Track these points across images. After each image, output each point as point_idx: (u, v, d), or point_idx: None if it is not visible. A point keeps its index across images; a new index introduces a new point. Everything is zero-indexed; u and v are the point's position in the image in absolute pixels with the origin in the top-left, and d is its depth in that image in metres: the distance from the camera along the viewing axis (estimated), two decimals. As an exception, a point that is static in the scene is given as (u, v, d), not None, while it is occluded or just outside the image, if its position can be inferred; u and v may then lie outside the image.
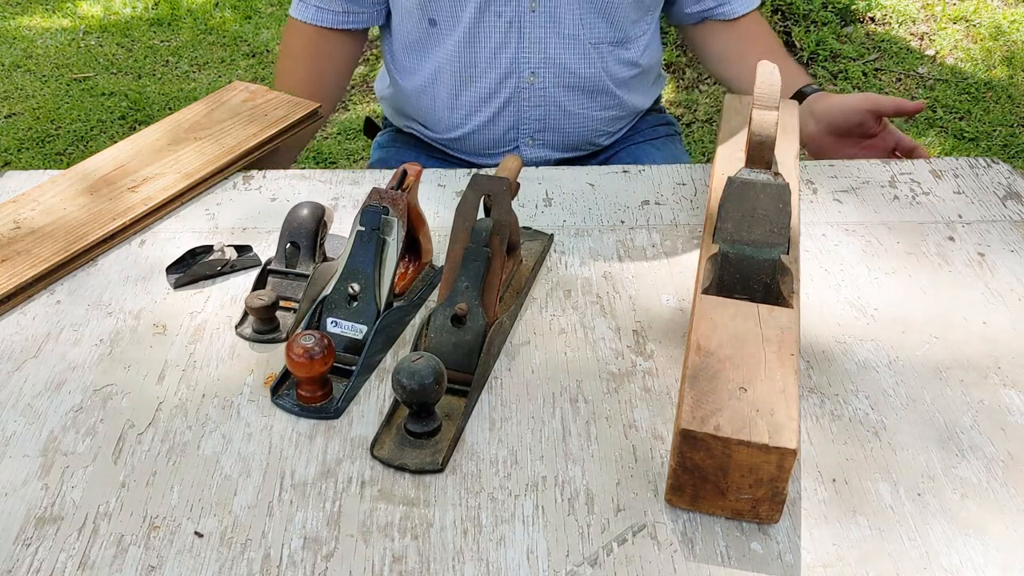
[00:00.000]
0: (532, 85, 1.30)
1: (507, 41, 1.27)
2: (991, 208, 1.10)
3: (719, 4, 1.37)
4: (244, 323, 0.94)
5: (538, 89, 1.31)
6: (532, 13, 1.25)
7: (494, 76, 1.30)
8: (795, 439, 0.69)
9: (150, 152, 1.17)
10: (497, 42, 1.27)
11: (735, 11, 1.37)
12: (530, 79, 1.30)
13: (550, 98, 1.32)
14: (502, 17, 1.25)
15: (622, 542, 0.73)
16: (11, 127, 2.83)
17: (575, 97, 1.33)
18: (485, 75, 1.30)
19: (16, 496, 0.77)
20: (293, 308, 0.96)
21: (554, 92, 1.32)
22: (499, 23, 1.26)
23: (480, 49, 1.28)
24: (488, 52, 1.28)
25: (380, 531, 0.74)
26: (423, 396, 0.77)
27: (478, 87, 1.32)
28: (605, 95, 1.35)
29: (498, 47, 1.27)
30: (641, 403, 0.85)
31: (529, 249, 1.02)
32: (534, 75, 1.29)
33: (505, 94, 1.32)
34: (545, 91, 1.31)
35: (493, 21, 1.26)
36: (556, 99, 1.32)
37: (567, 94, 1.32)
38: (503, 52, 1.28)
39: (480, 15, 1.25)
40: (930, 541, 0.73)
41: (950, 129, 2.75)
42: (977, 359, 0.89)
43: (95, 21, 3.38)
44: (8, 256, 1.00)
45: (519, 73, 1.29)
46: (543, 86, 1.31)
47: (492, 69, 1.29)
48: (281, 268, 0.98)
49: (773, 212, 0.88)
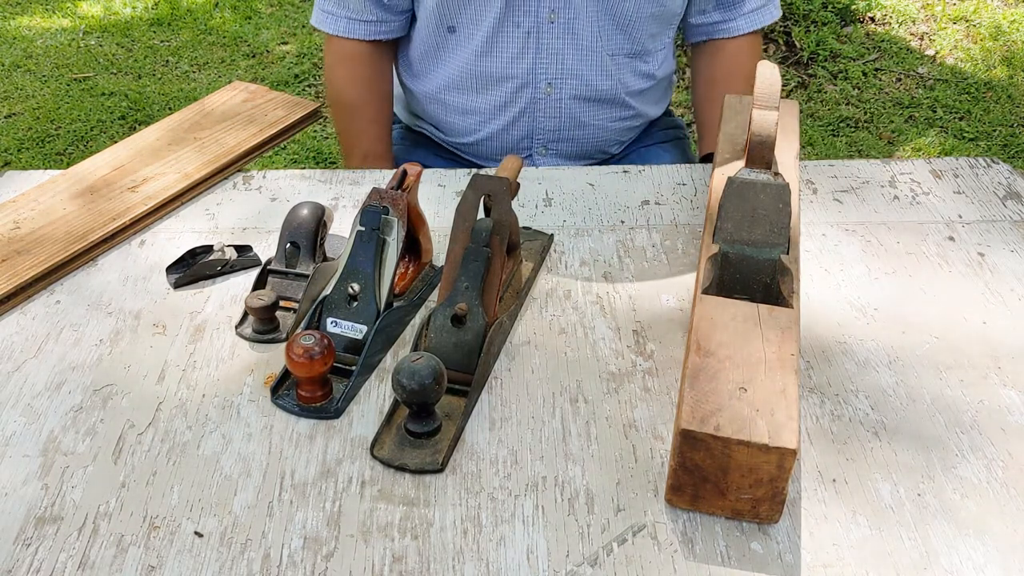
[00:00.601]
0: (548, 96, 1.30)
1: (525, 51, 1.27)
2: (991, 208, 1.10)
3: (725, 20, 1.36)
4: (244, 323, 0.94)
5: (554, 100, 1.31)
6: (550, 25, 1.25)
7: (510, 86, 1.30)
8: (795, 439, 0.69)
9: (150, 152, 1.17)
10: (514, 52, 1.27)
11: (740, 28, 1.36)
12: (547, 90, 1.29)
13: (565, 109, 1.32)
14: (520, 28, 1.25)
15: (622, 542, 0.73)
16: (11, 127, 2.82)
17: (590, 108, 1.33)
18: (501, 84, 1.30)
19: (16, 496, 0.77)
20: (293, 308, 0.95)
21: (570, 103, 1.31)
22: (517, 33, 1.25)
23: (497, 58, 1.28)
24: (505, 62, 1.28)
25: (380, 531, 0.74)
26: (423, 396, 0.77)
27: (493, 95, 1.31)
28: (620, 106, 1.35)
29: (515, 57, 1.27)
30: (641, 403, 0.85)
31: (529, 249, 1.02)
32: (551, 86, 1.29)
33: (521, 104, 1.31)
34: (561, 102, 1.31)
35: (511, 31, 1.25)
36: (571, 110, 1.32)
37: (582, 105, 1.32)
38: (520, 62, 1.27)
39: (499, 25, 1.25)
40: (930, 541, 0.73)
41: (950, 129, 2.75)
42: (977, 359, 0.89)
43: (95, 21, 3.38)
44: (8, 256, 1.00)
45: (535, 84, 1.29)
46: (559, 97, 1.30)
47: (509, 79, 1.29)
48: (281, 268, 0.98)
49: (773, 212, 0.88)
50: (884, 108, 2.84)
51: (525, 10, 1.24)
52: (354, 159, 1.39)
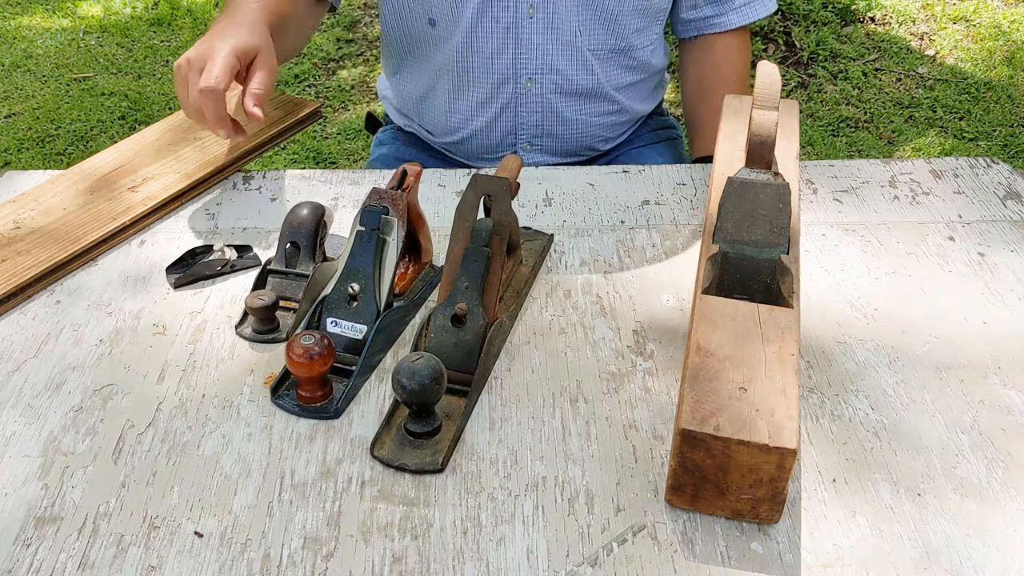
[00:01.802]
0: (530, 91, 1.30)
1: (505, 46, 1.27)
2: (991, 208, 1.10)
3: (716, 14, 1.36)
4: (244, 323, 0.94)
5: (535, 95, 1.31)
6: (530, 19, 1.25)
7: (491, 81, 1.30)
8: (795, 439, 0.69)
9: (150, 152, 1.17)
10: (495, 47, 1.27)
11: (732, 22, 1.36)
12: (528, 84, 1.29)
13: (547, 104, 1.32)
14: (500, 23, 1.25)
15: (622, 542, 0.73)
16: (11, 127, 2.82)
17: (573, 103, 1.33)
18: (482, 80, 1.30)
19: (16, 496, 0.77)
20: (293, 308, 0.96)
21: (551, 98, 1.31)
22: (497, 28, 1.25)
23: (478, 54, 1.28)
24: (485, 57, 1.28)
25: (380, 531, 0.74)
26: (423, 396, 0.77)
27: (475, 92, 1.31)
28: (604, 101, 1.34)
29: (496, 52, 1.27)
30: (641, 403, 0.85)
31: (529, 249, 1.02)
32: (532, 81, 1.29)
33: (502, 99, 1.31)
34: (543, 97, 1.31)
35: (491, 26, 1.25)
36: (553, 105, 1.32)
37: (565, 100, 1.32)
38: (501, 57, 1.28)
39: (478, 20, 1.25)
40: (930, 541, 0.73)
41: (950, 129, 2.75)
42: (977, 359, 0.89)
43: (95, 21, 3.38)
44: (8, 256, 1.00)
45: (517, 79, 1.29)
46: (540, 92, 1.31)
47: (489, 74, 1.29)
48: (281, 268, 0.98)
49: (773, 212, 0.88)
50: (884, 108, 2.84)
51: (504, 5, 1.24)
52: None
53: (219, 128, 1.04)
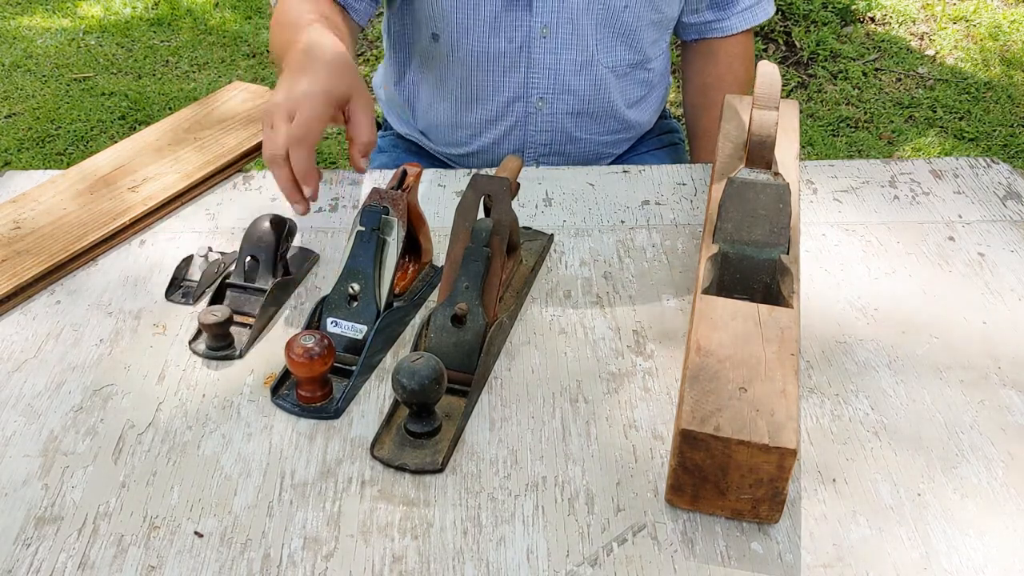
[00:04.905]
0: (540, 111, 1.29)
1: (516, 66, 1.26)
2: (991, 208, 1.10)
3: (718, 19, 1.36)
4: (198, 339, 0.92)
5: (546, 115, 1.30)
6: (543, 40, 1.24)
7: (501, 100, 1.29)
8: (795, 439, 0.69)
9: (150, 152, 1.17)
10: (505, 66, 1.26)
11: (734, 27, 1.36)
12: (539, 104, 1.29)
13: (558, 124, 1.31)
14: (512, 43, 1.24)
15: (622, 542, 0.73)
16: (11, 127, 2.82)
17: (583, 123, 1.32)
18: (492, 98, 1.29)
19: (16, 496, 0.77)
20: (250, 324, 0.92)
21: (562, 118, 1.30)
22: (509, 48, 1.24)
23: (489, 72, 1.27)
24: (496, 75, 1.27)
25: (380, 531, 0.74)
26: (423, 396, 0.77)
27: (484, 109, 1.30)
28: (613, 119, 1.34)
29: (506, 71, 1.26)
30: (641, 403, 0.85)
31: (529, 249, 1.02)
32: (543, 100, 1.28)
33: (512, 118, 1.30)
34: (553, 116, 1.30)
35: (503, 46, 1.24)
36: (564, 125, 1.31)
37: (575, 120, 1.31)
38: (511, 76, 1.27)
39: (489, 38, 1.24)
40: (930, 541, 0.73)
41: (950, 129, 2.75)
42: (977, 359, 0.89)
43: (95, 21, 3.38)
44: (8, 256, 1.00)
45: (527, 98, 1.28)
46: (551, 112, 1.30)
47: (500, 92, 1.28)
48: (240, 282, 0.95)
49: (773, 212, 0.88)
50: (884, 108, 2.84)
51: (516, 25, 1.23)
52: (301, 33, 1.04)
53: (305, 183, 0.91)
